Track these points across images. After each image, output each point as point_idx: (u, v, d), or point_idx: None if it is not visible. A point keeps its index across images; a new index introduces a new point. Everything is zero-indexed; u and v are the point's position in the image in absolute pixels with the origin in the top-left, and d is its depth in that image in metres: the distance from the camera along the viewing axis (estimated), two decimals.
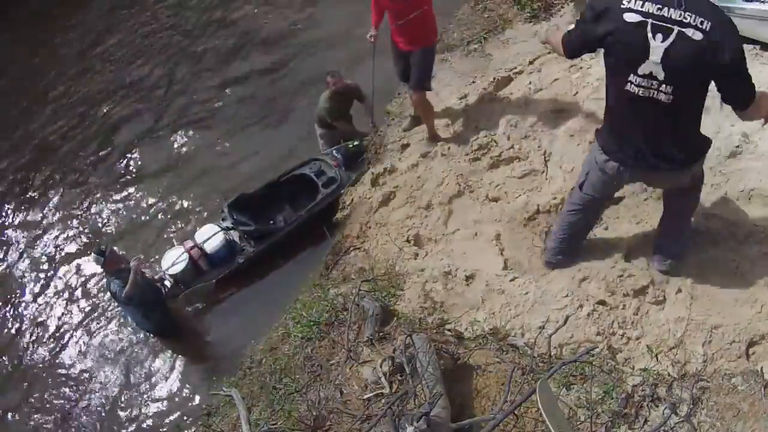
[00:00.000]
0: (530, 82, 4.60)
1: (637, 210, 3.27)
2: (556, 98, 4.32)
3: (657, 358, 2.58)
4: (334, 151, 4.97)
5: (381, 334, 3.02)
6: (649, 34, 2.04)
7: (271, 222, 4.94)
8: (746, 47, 4.08)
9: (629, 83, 2.16)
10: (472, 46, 5.36)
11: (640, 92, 2.15)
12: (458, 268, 3.37)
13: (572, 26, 2.39)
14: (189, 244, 4.72)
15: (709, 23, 1.99)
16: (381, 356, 2.85)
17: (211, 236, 4.71)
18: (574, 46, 2.36)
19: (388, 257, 3.73)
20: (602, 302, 2.85)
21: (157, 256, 5.01)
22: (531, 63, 4.86)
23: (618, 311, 2.81)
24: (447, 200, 3.93)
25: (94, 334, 4.89)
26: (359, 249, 3.98)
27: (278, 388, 3.12)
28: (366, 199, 4.33)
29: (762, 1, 3.86)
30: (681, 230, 2.80)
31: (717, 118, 3.51)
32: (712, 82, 2.18)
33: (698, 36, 1.99)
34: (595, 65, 4.44)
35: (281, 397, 3.04)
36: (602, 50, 2.25)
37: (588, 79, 4.31)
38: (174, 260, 4.60)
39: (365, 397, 2.74)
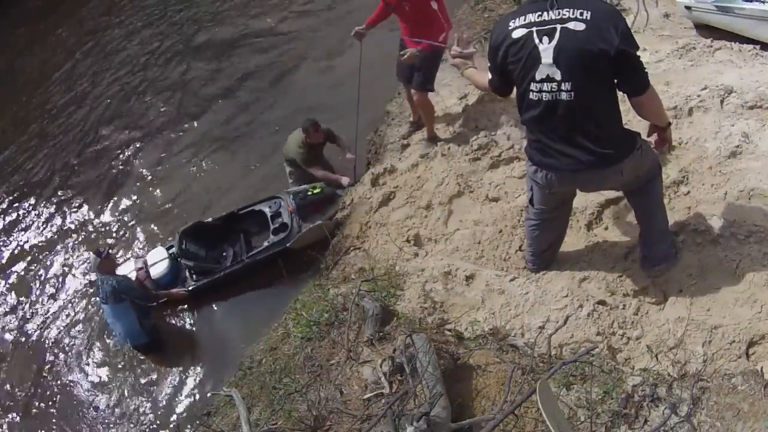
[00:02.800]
0: None
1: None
2: None
3: (657, 358, 2.58)
4: (291, 197, 4.68)
5: (381, 334, 3.02)
6: (536, 41, 2.13)
7: (223, 254, 4.84)
8: (746, 47, 4.14)
9: (531, 92, 2.23)
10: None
11: (544, 96, 2.20)
12: (458, 268, 3.37)
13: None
14: (139, 263, 4.74)
15: (589, 12, 2.03)
16: (381, 356, 2.86)
17: (158, 261, 4.70)
18: (496, 86, 2.48)
19: (388, 257, 3.73)
20: (602, 302, 2.85)
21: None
22: None
23: (618, 311, 2.81)
24: (447, 200, 3.93)
25: (93, 335, 4.88)
26: (359, 249, 3.98)
27: (278, 388, 3.12)
28: (366, 199, 4.33)
29: (762, 1, 3.86)
30: (655, 229, 2.77)
31: (717, 118, 3.52)
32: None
33: (580, 26, 2.03)
34: None
35: (281, 397, 3.04)
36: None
37: None
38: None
39: (365, 397, 2.74)
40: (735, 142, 3.34)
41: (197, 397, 4.21)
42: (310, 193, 4.67)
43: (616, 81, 2.19)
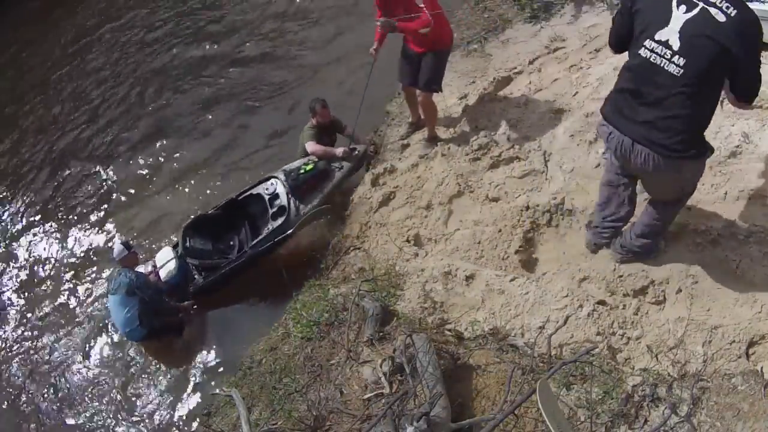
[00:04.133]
0: (530, 82, 4.61)
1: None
2: (556, 98, 4.32)
3: (657, 358, 2.58)
4: (284, 176, 4.51)
5: (381, 334, 3.02)
6: (674, 3, 2.09)
7: (231, 244, 4.64)
8: None
9: (644, 48, 2.19)
10: (472, 46, 5.37)
11: (653, 58, 2.16)
12: (458, 268, 3.37)
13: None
14: (149, 267, 4.66)
15: (735, 11, 2.01)
16: (381, 356, 2.86)
17: (166, 262, 4.54)
18: (615, 30, 2.39)
19: (388, 257, 3.73)
20: (602, 302, 2.86)
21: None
22: (531, 63, 4.87)
23: (618, 311, 2.81)
24: (447, 200, 3.93)
25: (93, 335, 4.89)
26: (359, 249, 3.98)
27: (278, 388, 3.12)
28: (366, 199, 4.33)
29: (762, 1, 3.85)
30: (653, 230, 2.77)
31: (717, 118, 3.51)
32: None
33: (721, 18, 2.00)
34: (595, 65, 4.45)
35: (281, 397, 3.04)
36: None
37: (588, 79, 4.32)
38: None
39: (365, 397, 2.74)
40: (735, 142, 3.34)
41: (197, 397, 4.21)
42: (302, 171, 4.50)
43: (728, 81, 2.16)
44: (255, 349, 3.90)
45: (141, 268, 4.71)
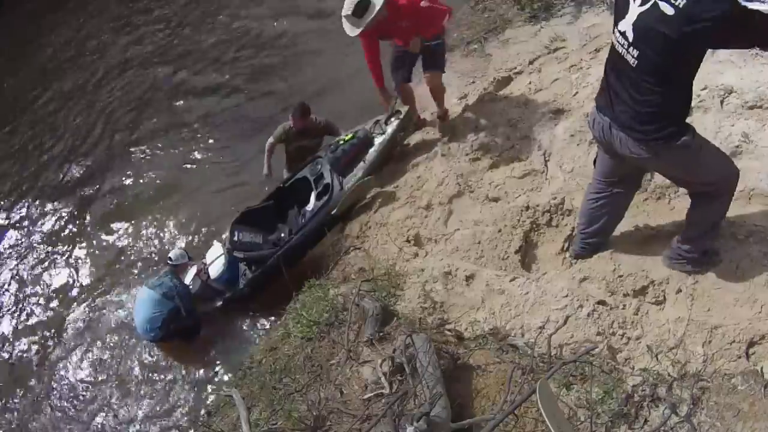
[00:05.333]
0: (530, 82, 4.61)
1: (637, 210, 3.27)
2: (556, 98, 4.32)
3: (657, 358, 2.58)
4: (328, 152, 4.39)
5: (381, 334, 3.02)
6: None
7: (281, 235, 4.48)
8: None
9: (613, 36, 2.28)
10: (472, 46, 5.37)
11: (617, 47, 2.25)
12: (458, 268, 3.37)
13: None
14: (199, 264, 4.54)
15: (684, 2, 1.98)
16: (381, 356, 2.85)
17: (215, 259, 4.45)
18: None
19: (388, 257, 3.73)
20: (602, 302, 2.85)
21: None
22: (531, 63, 4.87)
23: (618, 311, 2.81)
24: (447, 200, 3.93)
25: (93, 336, 4.89)
26: (359, 249, 3.98)
27: (278, 388, 3.12)
28: (366, 199, 4.33)
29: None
30: (689, 236, 2.74)
31: (717, 118, 3.52)
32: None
33: (669, 11, 2.02)
34: (594, 65, 4.45)
35: (281, 397, 3.04)
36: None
37: (588, 79, 4.32)
38: (191, 280, 4.51)
39: (365, 397, 2.74)
40: (735, 142, 3.34)
41: (197, 397, 4.21)
42: (341, 142, 4.31)
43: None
44: (255, 349, 3.90)
45: (193, 269, 4.58)
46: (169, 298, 4.25)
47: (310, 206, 4.26)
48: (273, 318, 4.31)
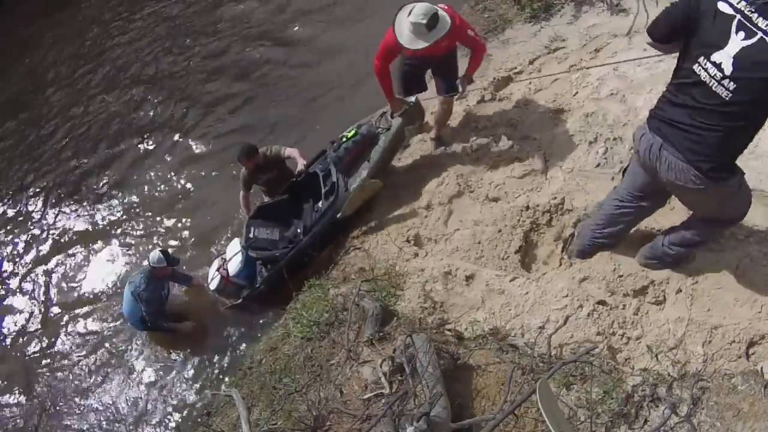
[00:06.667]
0: (530, 82, 4.60)
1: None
2: (556, 98, 4.32)
3: (657, 358, 2.58)
4: (331, 149, 4.18)
5: (381, 334, 3.02)
6: (733, 28, 2.06)
7: (297, 231, 4.29)
8: None
9: (697, 64, 2.17)
10: None
11: (703, 76, 2.15)
12: (458, 268, 3.37)
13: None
14: (219, 261, 4.44)
15: None
16: (381, 356, 2.85)
17: (233, 255, 4.33)
18: (674, 23, 2.30)
19: (388, 257, 3.73)
20: (602, 302, 2.85)
21: None
22: (531, 63, 4.86)
23: (618, 311, 2.81)
24: (447, 200, 3.93)
25: (93, 335, 4.89)
26: (359, 249, 3.98)
27: (278, 388, 3.12)
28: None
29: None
30: (689, 237, 2.72)
31: None
32: None
33: None
34: (594, 65, 4.44)
35: (281, 397, 3.04)
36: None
37: (588, 79, 4.32)
38: (212, 275, 4.42)
39: (365, 397, 2.74)
40: None
41: (197, 397, 4.21)
42: (343, 139, 4.01)
43: None
44: (255, 349, 3.90)
45: (215, 264, 4.49)
46: (135, 299, 4.34)
47: (321, 203, 4.12)
48: (272, 317, 4.31)
